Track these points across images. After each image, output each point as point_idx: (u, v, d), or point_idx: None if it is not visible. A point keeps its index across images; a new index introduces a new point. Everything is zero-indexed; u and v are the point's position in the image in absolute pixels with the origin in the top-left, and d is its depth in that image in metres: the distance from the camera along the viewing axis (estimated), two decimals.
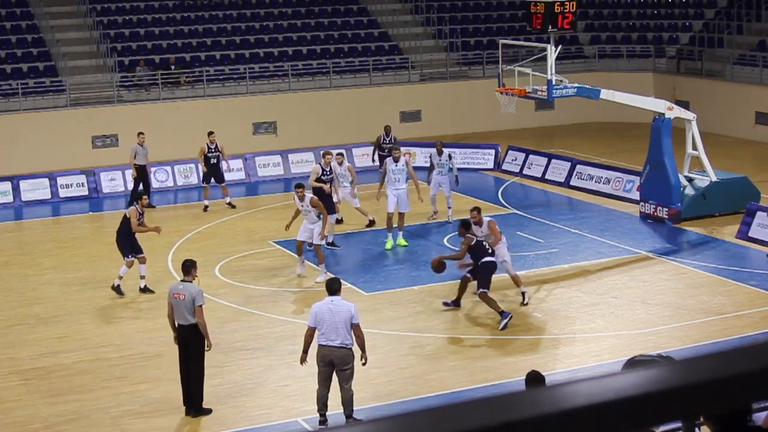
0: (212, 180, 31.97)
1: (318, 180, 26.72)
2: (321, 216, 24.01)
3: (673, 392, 1.92)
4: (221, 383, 18.40)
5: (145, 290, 23.94)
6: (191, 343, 16.96)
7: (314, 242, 24.14)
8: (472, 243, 21.26)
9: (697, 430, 7.88)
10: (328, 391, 16.32)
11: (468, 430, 1.85)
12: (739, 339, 20.11)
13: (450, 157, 29.50)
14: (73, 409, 17.58)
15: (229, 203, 32.05)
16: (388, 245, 26.97)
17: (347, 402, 16.25)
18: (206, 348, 17.04)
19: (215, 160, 31.87)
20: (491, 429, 1.85)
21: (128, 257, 23.79)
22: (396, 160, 27.33)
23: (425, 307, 22.30)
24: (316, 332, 16.12)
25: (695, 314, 21.41)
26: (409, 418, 1.93)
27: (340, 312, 15.89)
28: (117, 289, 23.82)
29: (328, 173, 26.96)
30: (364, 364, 16.38)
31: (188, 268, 17.29)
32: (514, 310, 22.13)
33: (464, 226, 21.50)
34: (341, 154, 28.67)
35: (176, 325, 17.02)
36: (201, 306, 16.83)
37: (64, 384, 18.70)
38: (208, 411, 17.23)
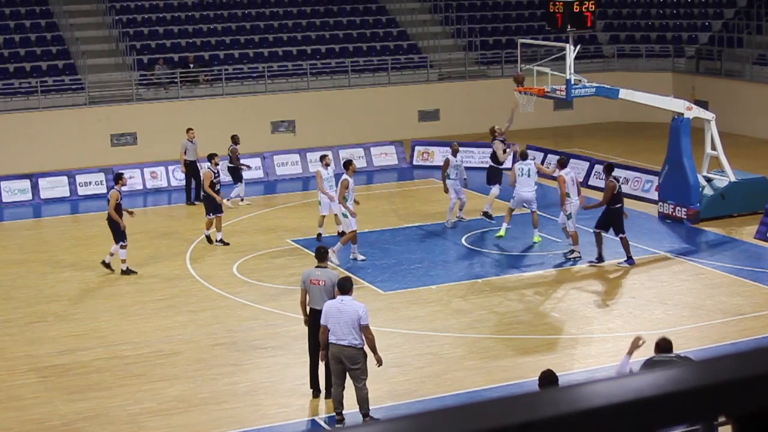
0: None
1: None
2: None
3: (693, 393, 1.91)
4: (239, 381, 18.44)
5: (128, 272, 25.31)
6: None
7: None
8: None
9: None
10: (343, 389, 16.29)
11: (486, 430, 1.85)
12: (757, 340, 20.06)
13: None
14: (91, 406, 17.62)
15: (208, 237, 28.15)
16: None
17: (362, 401, 16.20)
18: None
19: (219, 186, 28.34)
20: (510, 429, 1.85)
21: (123, 242, 25.01)
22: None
23: (443, 307, 22.28)
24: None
25: (713, 315, 21.34)
26: (427, 418, 1.92)
27: (348, 312, 15.80)
28: (108, 266, 25.34)
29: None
30: (378, 365, 16.30)
31: (323, 254, 17.63)
32: (532, 310, 22.14)
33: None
34: (327, 156, 27.90)
35: (309, 310, 17.20)
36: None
37: (82, 381, 18.75)
38: None
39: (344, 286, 16.17)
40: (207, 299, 23.20)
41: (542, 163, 35.81)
